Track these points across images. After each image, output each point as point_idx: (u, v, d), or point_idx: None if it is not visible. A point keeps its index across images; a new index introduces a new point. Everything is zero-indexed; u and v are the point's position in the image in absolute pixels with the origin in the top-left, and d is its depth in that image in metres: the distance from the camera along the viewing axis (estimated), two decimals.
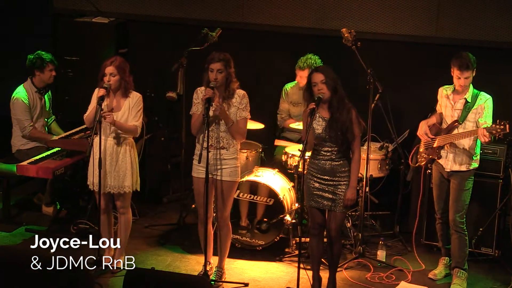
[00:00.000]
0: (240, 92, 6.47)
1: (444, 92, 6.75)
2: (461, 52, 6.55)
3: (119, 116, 6.62)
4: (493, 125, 6.34)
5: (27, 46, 8.65)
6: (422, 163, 6.87)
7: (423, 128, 6.81)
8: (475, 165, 6.67)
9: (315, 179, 6.28)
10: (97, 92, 6.59)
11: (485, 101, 6.56)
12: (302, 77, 7.82)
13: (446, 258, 6.96)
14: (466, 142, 6.58)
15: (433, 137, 6.74)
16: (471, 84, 6.60)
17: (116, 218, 7.07)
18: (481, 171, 7.00)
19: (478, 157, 6.68)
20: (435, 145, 6.71)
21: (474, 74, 6.54)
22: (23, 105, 7.68)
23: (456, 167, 6.65)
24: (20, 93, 7.72)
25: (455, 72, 6.52)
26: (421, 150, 6.87)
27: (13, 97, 7.72)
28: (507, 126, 6.29)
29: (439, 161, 6.72)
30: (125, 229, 6.85)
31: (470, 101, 6.58)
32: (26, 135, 7.73)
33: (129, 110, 6.64)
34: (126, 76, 6.62)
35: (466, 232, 6.74)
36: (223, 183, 6.49)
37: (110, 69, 6.57)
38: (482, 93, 6.61)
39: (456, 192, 6.66)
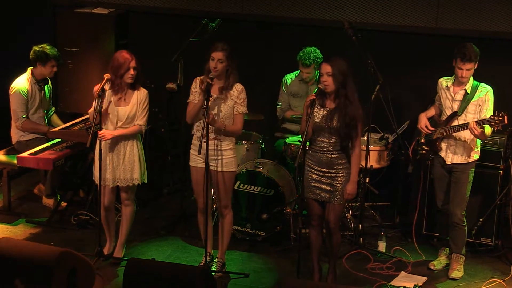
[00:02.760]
0: (239, 86, 6.46)
1: (444, 83, 6.73)
2: (466, 43, 6.51)
3: (127, 111, 6.61)
4: (492, 117, 6.33)
5: (26, 37, 8.64)
6: (423, 156, 6.86)
7: (422, 121, 6.80)
8: (475, 157, 6.66)
9: (313, 170, 6.29)
10: (99, 86, 6.56)
11: (486, 93, 6.53)
12: (310, 73, 7.77)
13: (447, 248, 6.97)
14: (466, 134, 6.56)
15: (433, 129, 6.74)
16: (471, 76, 6.59)
17: (117, 210, 7.08)
18: (481, 161, 6.99)
19: (479, 149, 6.68)
20: (434, 137, 6.70)
21: (476, 67, 6.52)
22: (21, 98, 7.66)
23: (456, 160, 6.64)
24: (20, 84, 7.70)
25: (457, 63, 6.50)
26: (421, 142, 6.86)
27: (12, 87, 7.70)
28: (505, 117, 6.28)
29: (440, 153, 6.72)
30: (127, 221, 6.87)
31: (470, 92, 6.56)
32: (19, 126, 7.72)
33: (137, 105, 6.64)
34: (140, 71, 6.63)
35: (465, 224, 6.75)
36: (222, 173, 6.50)
37: (134, 63, 6.58)
38: (482, 84, 6.59)
39: (457, 186, 6.66)
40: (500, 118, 6.27)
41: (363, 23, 8.03)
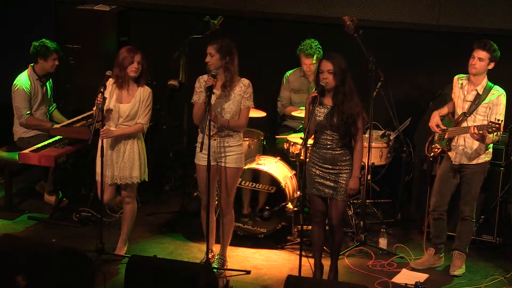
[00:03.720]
0: (245, 81, 6.47)
1: (459, 81, 6.65)
2: None
3: (129, 108, 6.60)
4: (490, 123, 6.27)
5: (28, 33, 8.63)
6: (436, 154, 6.82)
7: (435, 119, 6.73)
8: (486, 158, 6.61)
9: (317, 167, 6.29)
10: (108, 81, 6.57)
11: (497, 96, 6.44)
12: (313, 64, 7.75)
13: (432, 249, 6.93)
14: None
15: (445, 128, 6.69)
16: (486, 77, 6.52)
17: (119, 207, 7.08)
18: None
19: (490, 150, 6.62)
20: (446, 137, 6.66)
21: (491, 65, 6.44)
22: (24, 94, 7.67)
23: (464, 161, 6.61)
24: (22, 81, 7.71)
25: (473, 51, 6.44)
26: (435, 140, 6.82)
27: (15, 84, 7.71)
28: (502, 125, 6.24)
29: (449, 153, 6.69)
30: (129, 218, 6.86)
31: (481, 93, 6.49)
32: (23, 123, 7.72)
33: (139, 103, 6.63)
34: (147, 68, 6.63)
35: (474, 220, 6.76)
36: (228, 169, 6.50)
37: (138, 57, 6.56)
38: (496, 87, 6.50)
39: (468, 186, 6.65)
40: (497, 126, 6.21)
41: (365, 20, 8.02)
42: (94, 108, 6.65)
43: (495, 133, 6.29)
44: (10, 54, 9.16)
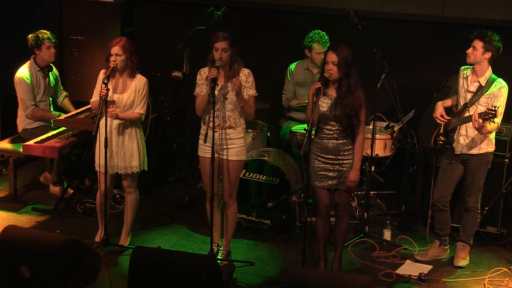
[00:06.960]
0: (245, 70, 6.46)
1: (465, 72, 6.66)
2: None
3: (125, 98, 6.61)
4: (487, 110, 6.27)
5: (33, 25, 8.61)
6: (441, 146, 6.80)
7: (438, 110, 6.74)
8: (488, 149, 6.61)
9: (319, 158, 6.28)
10: (102, 73, 6.58)
11: (499, 89, 6.45)
12: (321, 53, 7.72)
13: (437, 241, 6.94)
14: None
15: (449, 118, 6.69)
16: (490, 69, 6.52)
17: (122, 198, 7.09)
18: None
19: (493, 141, 6.63)
20: (449, 128, 6.66)
21: (487, 55, 6.43)
22: (26, 85, 7.68)
23: (466, 151, 6.61)
24: (23, 72, 7.71)
25: None
26: (440, 132, 6.81)
27: (16, 77, 7.71)
28: (497, 112, 6.23)
29: (453, 144, 6.69)
30: (131, 208, 6.87)
31: (484, 85, 6.49)
32: (29, 115, 7.73)
33: (136, 93, 6.63)
34: (133, 57, 6.60)
35: (479, 211, 6.76)
36: (230, 162, 6.50)
37: (116, 49, 6.56)
38: (499, 79, 6.50)
39: (471, 176, 6.65)
40: (493, 112, 6.21)
41: (369, 11, 8.00)
42: (92, 101, 6.66)
43: (491, 121, 6.26)
44: (13, 46, 9.15)
